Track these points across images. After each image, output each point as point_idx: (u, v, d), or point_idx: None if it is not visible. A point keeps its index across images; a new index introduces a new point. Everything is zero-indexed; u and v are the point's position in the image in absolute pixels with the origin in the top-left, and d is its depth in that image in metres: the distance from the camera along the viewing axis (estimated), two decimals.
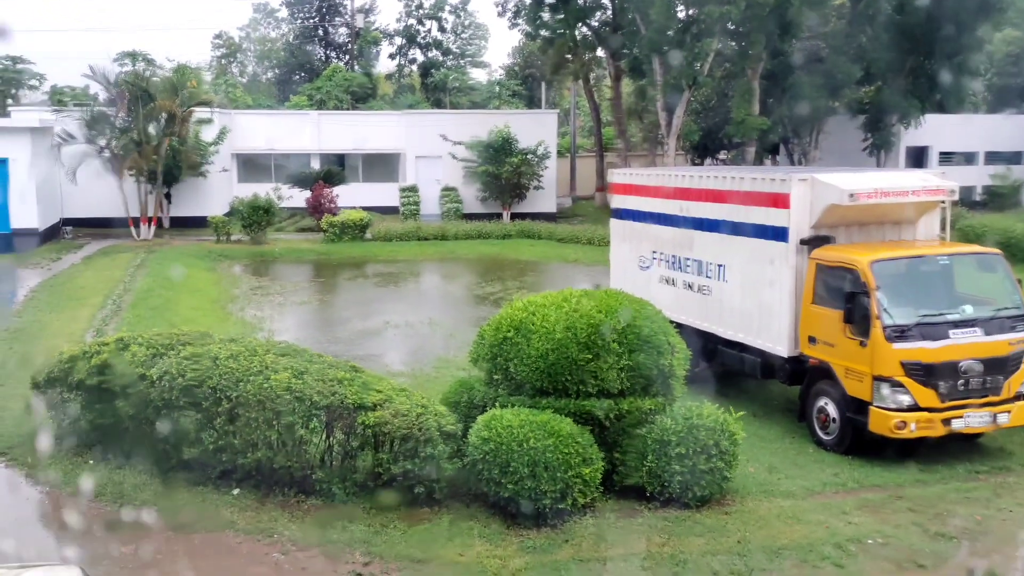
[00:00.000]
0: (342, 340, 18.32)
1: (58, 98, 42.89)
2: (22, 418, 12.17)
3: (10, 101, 45.76)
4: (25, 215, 28.65)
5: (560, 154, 43.26)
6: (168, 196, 34.04)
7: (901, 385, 10.95)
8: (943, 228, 13.30)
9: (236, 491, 10.05)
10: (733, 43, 34.78)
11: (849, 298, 11.38)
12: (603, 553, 8.95)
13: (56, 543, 9.43)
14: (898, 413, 10.92)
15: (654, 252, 15.69)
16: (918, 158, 39.91)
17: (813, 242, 12.42)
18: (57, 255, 27.70)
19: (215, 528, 9.39)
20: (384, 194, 38.27)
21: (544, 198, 38.40)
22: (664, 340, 10.17)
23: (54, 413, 11.51)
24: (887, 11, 32.97)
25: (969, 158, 41.32)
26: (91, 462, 10.82)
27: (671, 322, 10.93)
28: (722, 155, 45.51)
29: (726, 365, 14.25)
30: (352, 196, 35.55)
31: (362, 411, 9.58)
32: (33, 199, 28.74)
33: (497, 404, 10.07)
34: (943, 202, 12.98)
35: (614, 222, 17.22)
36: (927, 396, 10.94)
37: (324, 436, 9.98)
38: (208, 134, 33.86)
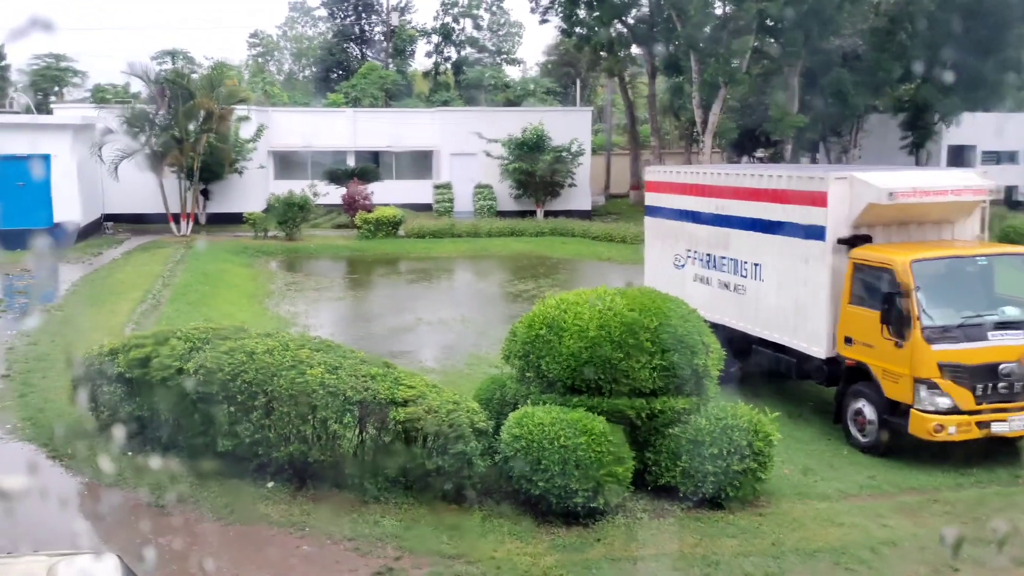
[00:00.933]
0: (375, 336, 18.43)
1: (100, 95, 43.59)
2: (63, 410, 12.39)
3: (53, 98, 46.56)
4: (67, 210, 29.14)
5: (594, 152, 43.14)
6: (206, 193, 34.44)
7: (939, 387, 10.78)
8: (983, 228, 13.07)
9: (271, 484, 10.15)
10: (771, 40, 34.46)
11: (887, 298, 11.23)
12: (634, 552, 8.92)
13: (94, 532, 9.59)
14: (937, 416, 10.76)
15: (689, 250, 15.59)
16: (959, 157, 39.26)
17: (851, 241, 12.26)
18: (98, 250, 28.14)
19: (249, 520, 9.49)
20: (418, 191, 38.41)
21: (578, 196, 38.33)
22: (698, 339, 10.10)
23: (94, 405, 11.69)
24: (929, 7, 32.46)
25: (1012, 157, 40.57)
26: (129, 454, 10.98)
27: (705, 321, 10.85)
28: (759, 153, 45.11)
29: (761, 365, 14.13)
30: (386, 193, 35.72)
31: (394, 407, 9.63)
32: (75, 194, 29.24)
33: (529, 401, 10.07)
34: (984, 202, 12.76)
35: (648, 220, 17.14)
36: (966, 399, 10.77)
37: (357, 431, 10.04)
38: (245, 131, 34.21)
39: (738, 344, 13.96)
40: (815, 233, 12.60)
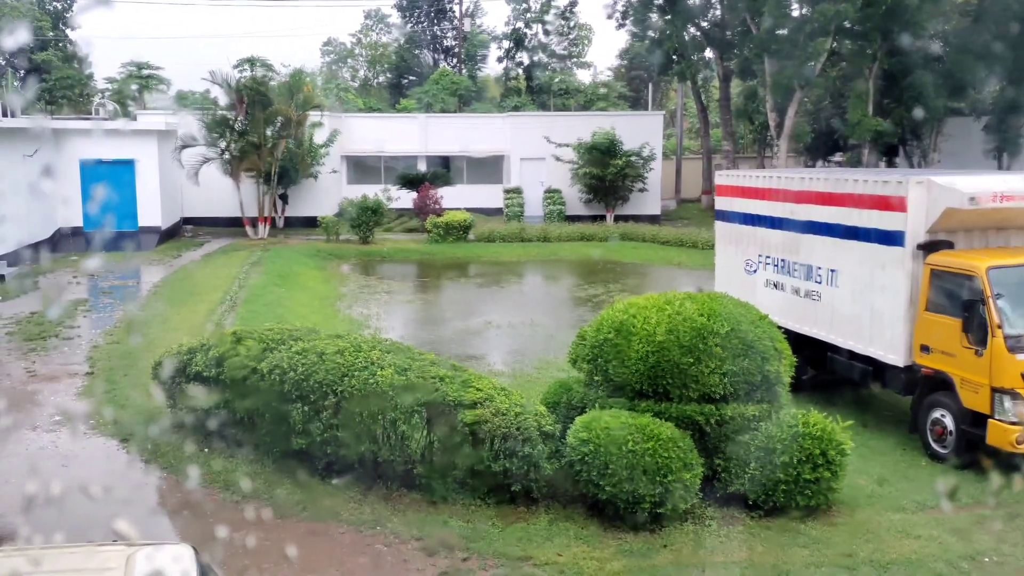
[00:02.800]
0: (445, 339, 18.59)
1: (182, 102, 44.91)
2: (144, 407, 12.82)
3: (137, 104, 48.14)
4: (150, 214, 30.12)
5: (666, 156, 42.81)
6: (284, 197, 35.20)
7: (1022, 397, 10.43)
8: None
9: (337, 482, 10.32)
10: (848, 42, 33.73)
11: (966, 306, 10.91)
12: (702, 559, 8.83)
13: (171, 524, 9.90)
14: (1018, 427, 10.40)
15: (760, 255, 15.37)
16: None
17: (930, 247, 11.95)
18: (178, 252, 29.00)
19: (320, 518, 9.68)
20: (488, 196, 38.64)
21: (648, 200, 38.08)
22: (770, 345, 9.96)
23: (173, 402, 12.07)
24: (1013, 6, 31.36)
25: None
26: (206, 450, 11.29)
27: (778, 327, 10.69)
28: (836, 157, 44.15)
29: (835, 373, 13.85)
30: (457, 198, 36.02)
31: (462, 409, 9.72)
32: (157, 199, 30.22)
33: (596, 406, 10.06)
34: None
35: (719, 225, 16.95)
36: None
37: (425, 432, 10.15)
38: (319, 137, 34.87)
39: (811, 351, 13.71)
40: (893, 238, 12.30)
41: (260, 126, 31.22)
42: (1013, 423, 10.46)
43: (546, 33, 60.84)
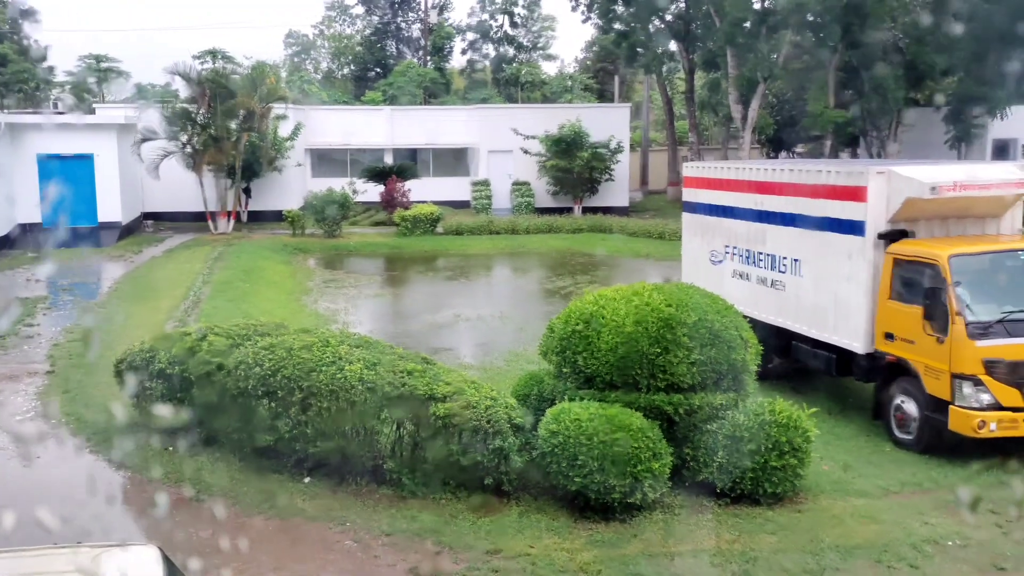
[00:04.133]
0: (414, 333, 18.54)
1: (142, 95, 44.28)
2: (105, 405, 12.64)
3: (95, 99, 47.38)
4: (110, 209, 29.66)
5: (632, 148, 42.97)
6: (248, 191, 34.86)
7: (982, 383, 10.62)
8: None
9: (307, 479, 10.27)
10: (810, 34, 34.06)
11: (928, 294, 11.08)
12: (672, 548, 8.89)
13: (136, 525, 9.78)
14: (979, 412, 10.60)
15: (727, 246, 15.49)
16: (1004, 151, 38.47)
17: (891, 236, 12.11)
18: (139, 248, 28.62)
19: (289, 514, 9.61)
20: (456, 188, 38.56)
21: (616, 192, 38.22)
22: (736, 335, 10.05)
23: (136, 400, 11.92)
24: None
25: None
26: (171, 448, 11.17)
27: (743, 317, 10.79)
28: (799, 148, 44.61)
29: (800, 361, 14.00)
30: (424, 190, 35.91)
31: (432, 402, 9.70)
32: (117, 193, 29.77)
33: (566, 397, 10.08)
34: None
35: (686, 216, 17.05)
36: (1009, 395, 10.59)
37: (395, 427, 10.12)
38: (283, 130, 34.56)
39: (776, 340, 13.85)
40: (854, 228, 12.46)
41: (222, 119, 30.87)
42: (974, 409, 10.64)
43: (513, 25, 60.81)
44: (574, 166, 35.94)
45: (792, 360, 14.16)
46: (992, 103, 33.55)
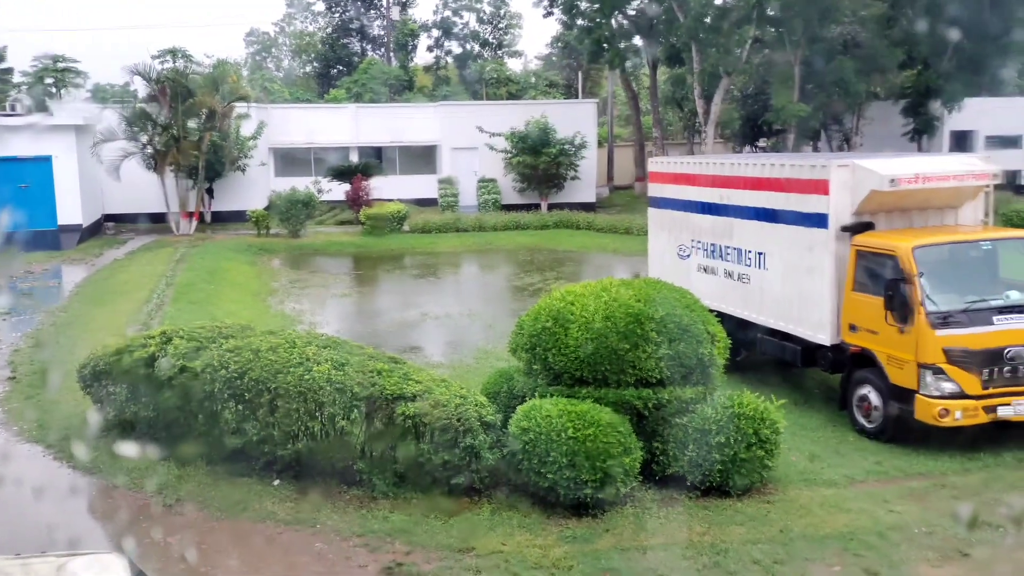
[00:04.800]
0: (381, 332, 18.46)
1: (100, 96, 43.63)
2: (68, 411, 12.44)
3: (54, 100, 46.60)
4: (70, 211, 29.20)
5: (598, 144, 43.09)
6: (210, 191, 34.49)
7: (945, 372, 10.78)
8: (987, 213, 13.05)
9: (279, 482, 10.18)
10: (772, 29, 34.38)
11: (891, 285, 11.22)
12: (644, 542, 8.94)
13: (102, 532, 9.64)
14: (942, 401, 10.76)
15: (693, 241, 15.59)
16: (963, 142, 39.15)
17: (854, 228, 12.25)
18: (100, 250, 28.21)
19: (258, 518, 9.52)
20: (422, 186, 38.44)
21: (582, 188, 38.32)
22: (703, 329, 10.11)
23: (100, 406, 11.74)
24: None
25: (1016, 141, 40.43)
26: (135, 454, 11.00)
27: (711, 311, 10.87)
28: (762, 143, 45.04)
29: (766, 354, 14.14)
30: (390, 188, 35.75)
31: (402, 402, 9.66)
32: (77, 195, 29.30)
33: (536, 394, 10.09)
34: (987, 187, 12.73)
35: (652, 211, 17.14)
36: (972, 383, 10.76)
37: (364, 427, 10.06)
38: (246, 129, 34.23)
39: (743, 333, 13.97)
40: (818, 221, 12.59)
41: (183, 118, 30.50)
42: (937, 397, 10.81)
43: (478, 22, 60.71)
44: (540, 163, 35.99)
45: (759, 353, 14.30)
46: (949, 95, 34.13)
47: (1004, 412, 10.81)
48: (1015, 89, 37.90)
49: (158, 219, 32.09)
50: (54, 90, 50.26)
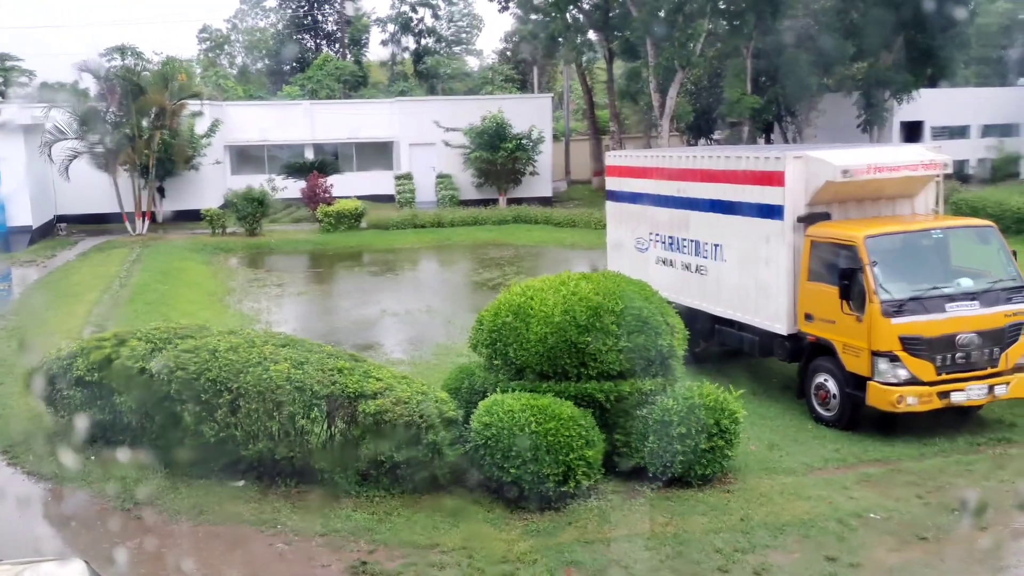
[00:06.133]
0: (341, 330, 18.33)
1: (49, 94, 42.71)
2: (22, 416, 12.18)
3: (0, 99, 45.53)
4: (19, 213, 28.58)
5: (555, 138, 43.18)
6: (161, 190, 33.97)
7: (899, 359, 10.98)
8: (937, 202, 13.30)
9: (240, 483, 10.07)
10: (725, 22, 34.70)
11: (845, 274, 11.39)
12: (607, 534, 8.98)
13: (60, 539, 9.46)
14: (897, 387, 10.96)
15: (651, 233, 15.68)
16: (912, 133, 39.90)
17: (809, 219, 12.42)
18: (52, 252, 27.65)
19: (219, 520, 9.40)
20: (379, 182, 38.22)
21: (540, 183, 38.37)
22: (662, 321, 10.18)
23: (54, 410, 11.52)
24: None
25: (963, 131, 41.30)
26: (92, 458, 10.82)
27: (669, 303, 10.94)
28: (716, 135, 45.45)
29: (725, 344, 14.29)
30: (347, 185, 35.52)
31: (363, 399, 9.60)
32: (26, 196, 28.67)
33: (498, 389, 10.09)
34: (937, 176, 12.97)
35: (610, 204, 17.21)
36: (925, 370, 10.97)
37: (325, 426, 10.00)
38: (200, 127, 33.76)
39: (702, 324, 14.09)
40: (773, 212, 12.73)
41: (134, 117, 29.98)
42: (892, 384, 11.00)
43: (435, 17, 60.43)
44: (497, 158, 35.97)
45: (718, 343, 14.44)
46: (898, 87, 34.74)
47: (957, 398, 11.04)
48: (962, 80, 38.68)
49: (111, 219, 31.50)
50: (2, 89, 49.11)
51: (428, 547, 8.76)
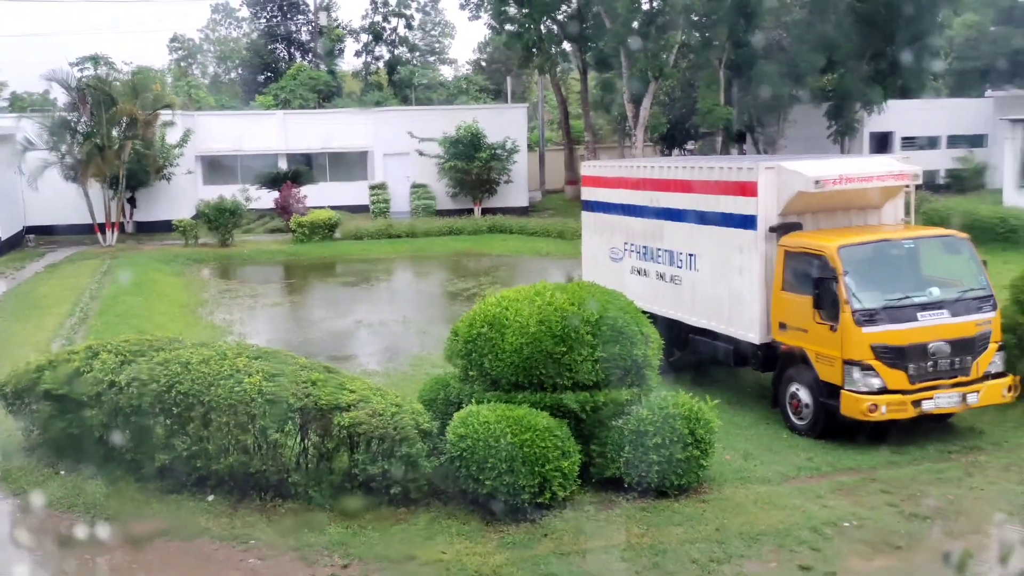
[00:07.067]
0: (315, 341, 18.21)
1: (18, 104, 42.24)
2: None
3: None
4: None
5: (529, 148, 43.23)
6: (133, 201, 33.63)
7: (871, 368, 11.05)
8: (907, 212, 13.43)
9: (211, 497, 9.94)
10: (697, 34, 34.96)
11: (818, 284, 11.46)
12: (583, 546, 8.95)
13: (29, 556, 9.29)
14: (869, 396, 11.02)
15: (625, 243, 15.72)
16: (882, 143, 40.36)
17: (781, 229, 12.49)
18: (20, 264, 27.27)
19: (190, 536, 9.28)
20: (353, 193, 38.07)
21: (514, 192, 38.38)
22: (637, 330, 10.19)
23: (23, 424, 11.34)
24: None
25: (932, 142, 41.83)
26: (62, 473, 10.66)
27: (644, 312, 10.95)
28: (690, 145, 45.72)
29: (699, 354, 14.32)
30: (321, 196, 35.34)
31: (337, 412, 9.52)
32: None
33: (473, 400, 10.05)
34: (908, 186, 13.10)
35: (585, 214, 17.24)
36: (897, 378, 11.05)
37: (299, 439, 9.90)
38: (172, 137, 33.49)
39: (677, 334, 14.13)
40: (746, 222, 12.80)
41: (105, 127, 29.68)
42: (864, 393, 11.07)
43: (408, 28, 60.36)
44: (472, 167, 35.96)
45: (692, 353, 14.48)
46: (868, 99, 35.14)
47: (928, 406, 11.12)
48: (931, 92, 39.20)
49: (82, 230, 31.15)
50: None
51: (403, 561, 8.69)
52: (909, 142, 40.91)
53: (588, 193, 17.09)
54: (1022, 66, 44.12)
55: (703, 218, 13.68)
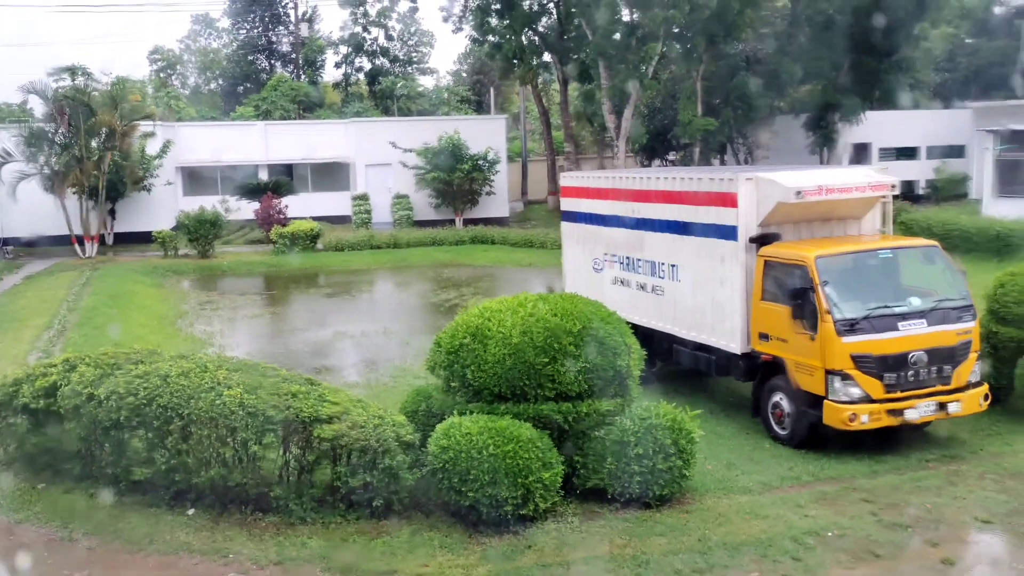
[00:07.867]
0: (296, 353, 18.12)
1: None
2: None
3: None
4: None
5: (511, 159, 43.35)
6: (112, 212, 33.40)
7: (852, 378, 11.10)
8: (885, 222, 13.53)
9: (191, 511, 9.85)
10: (678, 46, 35.19)
11: (797, 294, 11.52)
12: (566, 557, 8.93)
13: (5, 571, 9.17)
14: (850, 406, 11.07)
15: (607, 254, 15.75)
16: (861, 154, 40.68)
17: (761, 240, 12.55)
18: None
19: (170, 550, 9.19)
20: (335, 203, 37.99)
21: (496, 203, 38.44)
22: (620, 341, 10.20)
23: (0, 438, 11.20)
24: (826, 11, 33.60)
25: (910, 153, 42.21)
26: (40, 486, 10.54)
27: (626, 323, 10.96)
28: (671, 156, 45.94)
29: (681, 364, 14.35)
30: (302, 206, 35.24)
31: (318, 424, 9.46)
32: None
33: (455, 412, 10.00)
34: (886, 197, 13.20)
35: (566, 225, 17.26)
36: (878, 388, 11.11)
37: (280, 452, 9.83)
38: (151, 148, 33.32)
39: (658, 344, 14.16)
40: (727, 233, 12.86)
41: (83, 138, 29.48)
42: (844, 402, 11.12)
43: (388, 38, 60.38)
44: (454, 178, 35.99)
45: (674, 363, 14.51)
46: (847, 110, 35.46)
47: (910, 415, 11.17)
48: (909, 103, 39.56)
49: (60, 242, 30.90)
50: None
51: (385, 573, 8.64)
52: (888, 153, 41.26)
53: (568, 204, 17.12)
54: (999, 77, 44.67)
55: (684, 229, 13.73)
